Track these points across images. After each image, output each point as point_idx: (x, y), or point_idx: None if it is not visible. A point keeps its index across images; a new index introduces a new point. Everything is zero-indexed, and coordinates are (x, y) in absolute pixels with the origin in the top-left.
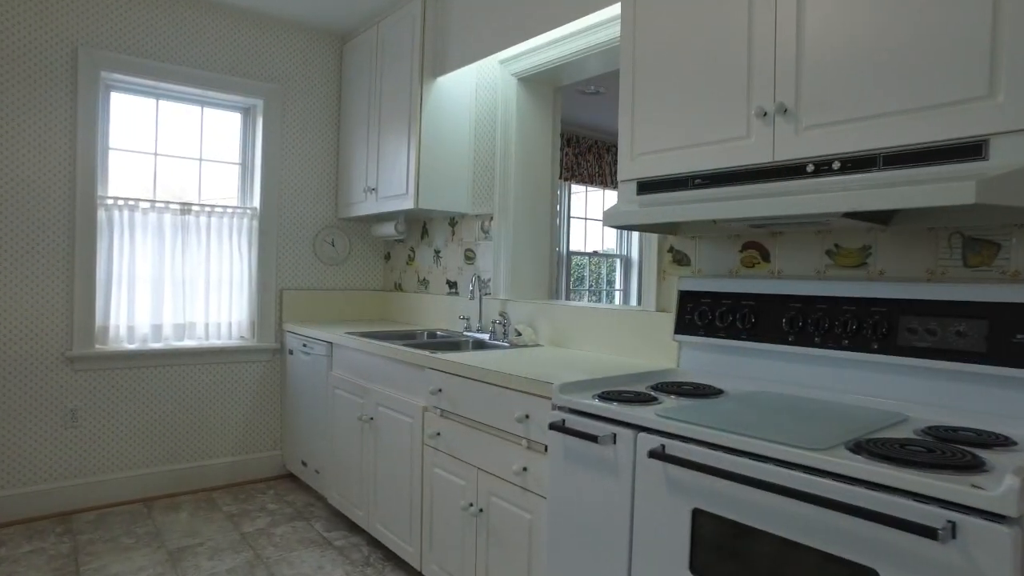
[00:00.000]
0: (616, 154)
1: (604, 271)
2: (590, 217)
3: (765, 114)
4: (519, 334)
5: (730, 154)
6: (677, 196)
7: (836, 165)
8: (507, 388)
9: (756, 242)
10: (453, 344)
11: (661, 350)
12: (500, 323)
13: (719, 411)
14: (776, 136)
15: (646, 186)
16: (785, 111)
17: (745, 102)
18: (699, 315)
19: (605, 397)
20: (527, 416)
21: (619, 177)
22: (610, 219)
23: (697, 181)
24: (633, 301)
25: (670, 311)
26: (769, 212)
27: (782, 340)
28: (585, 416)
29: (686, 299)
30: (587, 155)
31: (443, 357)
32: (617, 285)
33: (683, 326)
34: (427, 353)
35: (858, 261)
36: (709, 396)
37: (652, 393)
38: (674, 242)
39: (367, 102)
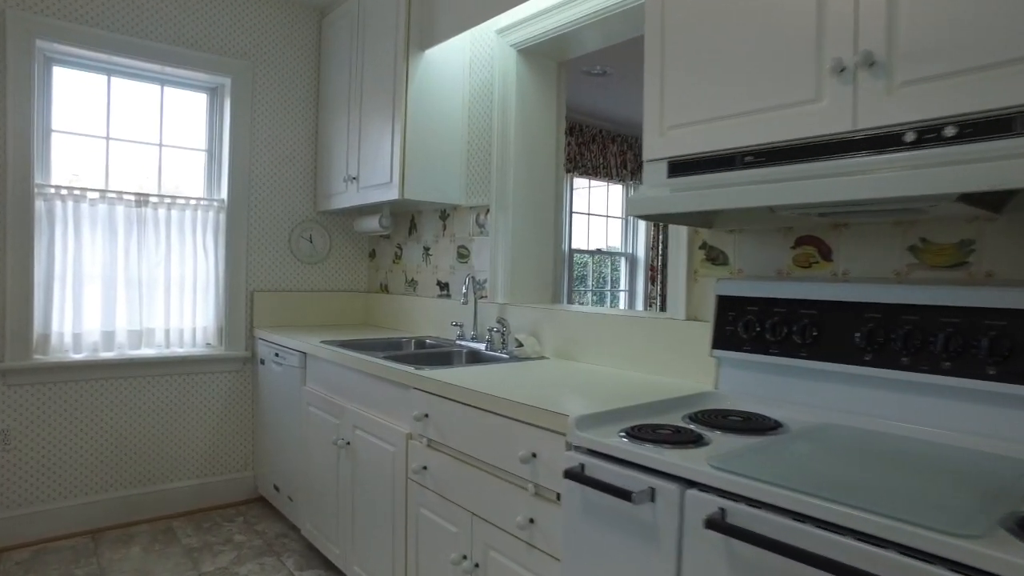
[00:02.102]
0: (622, 145)
1: (609, 270)
2: (593, 212)
3: (843, 69)
4: (520, 344)
5: (793, 123)
6: (721, 178)
7: (950, 131)
8: (508, 418)
9: (814, 237)
10: (444, 356)
11: (693, 367)
12: (498, 331)
13: (792, 458)
14: (859, 97)
15: (679, 167)
16: (872, 63)
17: (814, 53)
18: (744, 326)
19: (635, 434)
20: (534, 455)
21: (645, 156)
22: (637, 207)
23: (748, 159)
24: (639, 303)
25: (703, 319)
26: (873, 194)
27: (855, 360)
28: (611, 460)
29: (727, 306)
30: (591, 145)
31: (428, 375)
32: (622, 285)
33: (724, 339)
34: (410, 369)
35: (955, 260)
36: (765, 431)
37: (693, 427)
38: (707, 237)
39: (348, 81)
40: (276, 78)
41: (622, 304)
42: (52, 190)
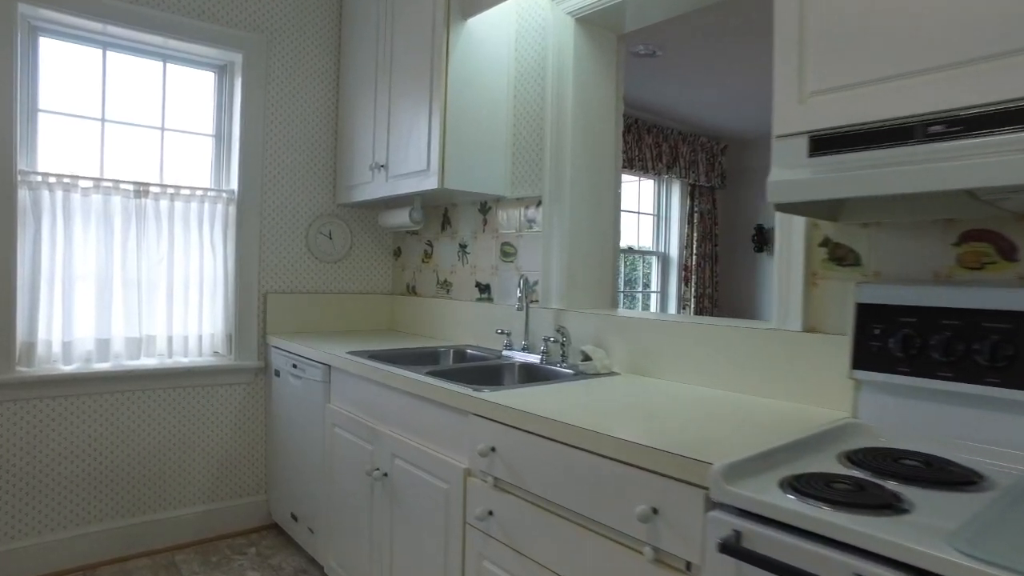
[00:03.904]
0: (658, 137)
1: (641, 270)
2: (624, 209)
3: None
4: (587, 357)
5: (1016, 77)
6: (892, 155)
7: None
8: (616, 460)
9: (988, 231)
10: (493, 371)
11: (813, 388)
12: (557, 341)
13: None
14: None
15: (827, 142)
16: None
17: None
18: (901, 341)
19: (805, 490)
20: (655, 511)
21: (776, 130)
22: (783, 192)
23: (935, 128)
24: (672, 305)
25: (823, 331)
26: None
27: None
28: (780, 528)
29: (872, 316)
30: (625, 136)
31: (493, 398)
32: (653, 286)
33: (868, 357)
34: (467, 391)
35: None
36: (963, 485)
37: (868, 477)
38: (831, 231)
39: (375, 57)
40: (293, 54)
41: (653, 306)
42: (38, 178)
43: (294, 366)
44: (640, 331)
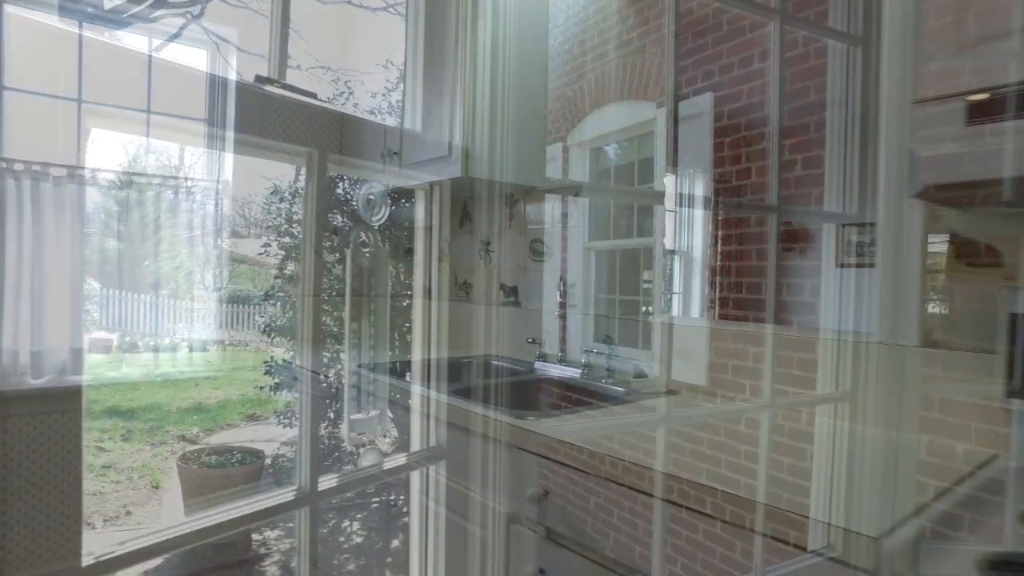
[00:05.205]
0: None
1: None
2: None
3: None
4: (640, 373)
5: None
6: None
7: None
8: (722, 520)
9: None
10: (526, 388)
11: (942, 418)
12: (601, 353)
13: None
14: None
15: (992, 107)
16: None
17: None
18: None
19: None
20: None
21: (913, 95)
22: (953, 168)
23: None
24: (695, 308)
25: (948, 346)
26: None
27: None
28: None
29: None
30: None
31: (546, 430)
32: (675, 288)
33: None
34: (512, 420)
35: None
36: None
37: None
38: (959, 223)
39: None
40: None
41: (675, 310)
42: (3, 164)
43: (295, 379)
44: (700, 340)
